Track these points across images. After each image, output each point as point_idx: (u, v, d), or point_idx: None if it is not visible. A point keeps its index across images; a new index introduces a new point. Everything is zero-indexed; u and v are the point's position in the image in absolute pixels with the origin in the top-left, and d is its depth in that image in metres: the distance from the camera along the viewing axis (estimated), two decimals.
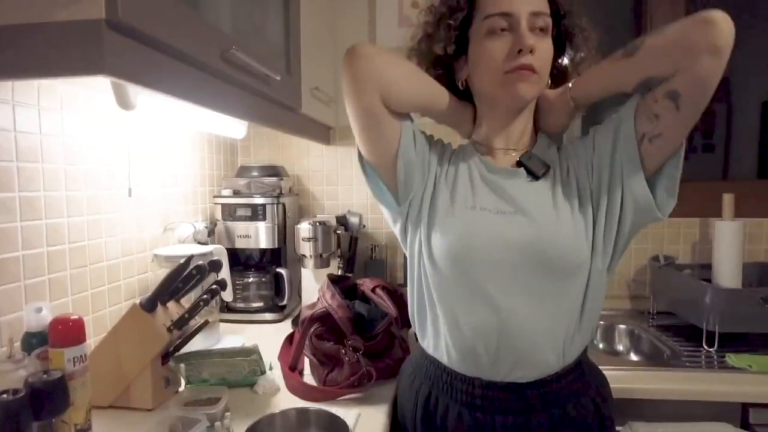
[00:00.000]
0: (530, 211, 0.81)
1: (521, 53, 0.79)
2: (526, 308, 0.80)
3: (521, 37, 0.79)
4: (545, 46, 0.82)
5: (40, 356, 0.85)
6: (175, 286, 0.98)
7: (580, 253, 0.80)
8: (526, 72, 0.80)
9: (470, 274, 0.81)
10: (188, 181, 1.53)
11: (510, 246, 0.80)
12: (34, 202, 0.95)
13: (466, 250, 0.81)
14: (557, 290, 0.80)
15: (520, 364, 0.81)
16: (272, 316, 1.57)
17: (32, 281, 0.95)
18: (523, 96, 0.82)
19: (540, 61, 0.81)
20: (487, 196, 0.85)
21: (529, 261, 0.79)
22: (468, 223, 0.82)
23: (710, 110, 3.47)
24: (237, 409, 0.95)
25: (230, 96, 0.95)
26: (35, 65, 0.62)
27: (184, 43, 0.75)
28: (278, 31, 1.24)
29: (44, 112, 0.97)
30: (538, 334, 0.80)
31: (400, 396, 0.98)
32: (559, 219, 0.80)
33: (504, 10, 0.80)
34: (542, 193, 0.84)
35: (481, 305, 0.81)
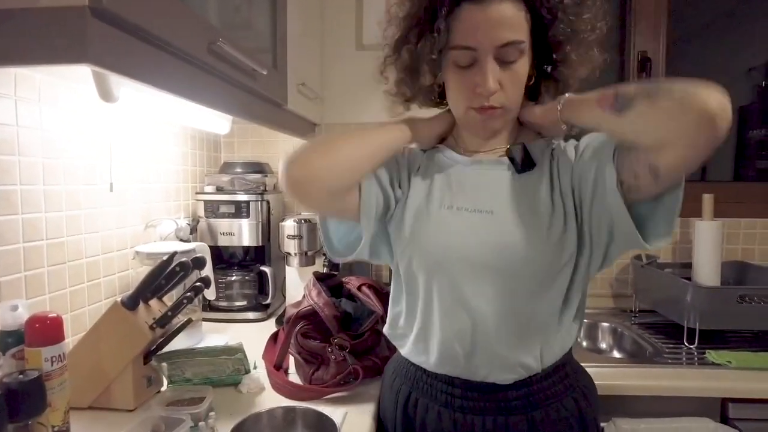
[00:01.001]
0: (508, 212, 0.79)
1: (482, 95, 0.76)
2: (500, 311, 0.78)
3: (483, 80, 0.74)
4: (514, 76, 0.77)
5: (15, 356, 0.82)
6: (158, 284, 0.96)
7: (555, 261, 0.77)
8: (490, 112, 0.78)
9: (446, 275, 0.80)
10: (170, 177, 1.50)
11: (485, 247, 0.78)
12: (10, 195, 0.92)
13: (441, 249, 0.80)
14: (532, 294, 0.78)
15: (497, 366, 0.80)
16: (256, 315, 1.55)
17: (7, 278, 0.91)
18: (492, 130, 0.82)
19: (507, 95, 0.77)
20: (465, 193, 0.82)
21: (504, 263, 0.77)
22: (443, 223, 0.81)
23: None
24: (221, 408, 0.94)
25: (215, 89, 0.93)
26: (16, 52, 0.60)
27: (170, 33, 0.73)
28: (265, 25, 1.22)
29: (21, 102, 0.94)
30: (513, 336, 0.79)
31: (382, 396, 0.98)
32: (537, 224, 0.77)
33: (468, 44, 0.75)
34: (524, 193, 0.80)
35: (457, 306, 0.80)
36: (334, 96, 1.81)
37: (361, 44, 1.79)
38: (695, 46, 3.10)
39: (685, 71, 2.80)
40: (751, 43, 2.91)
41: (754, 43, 2.87)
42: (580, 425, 0.83)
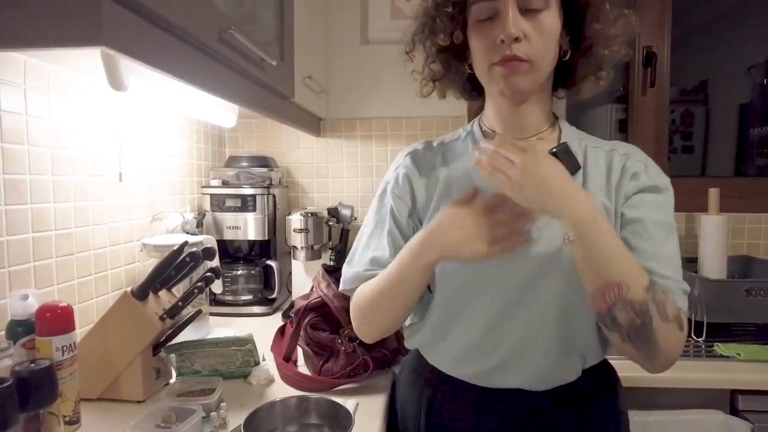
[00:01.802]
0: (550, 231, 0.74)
1: (504, 43, 0.71)
2: (537, 320, 0.75)
3: (503, 25, 0.71)
4: (540, 26, 0.72)
5: (26, 345, 0.81)
6: (168, 274, 0.95)
7: None
8: (512, 63, 0.72)
9: (488, 299, 0.77)
10: (176, 171, 1.49)
11: (527, 266, 0.74)
12: (19, 185, 0.91)
13: (478, 277, 0.77)
14: (572, 301, 0.75)
15: (533, 379, 0.77)
16: (261, 309, 1.54)
17: (17, 268, 0.91)
18: (517, 89, 0.75)
19: (533, 47, 0.72)
20: None
21: (546, 275, 0.74)
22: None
23: (690, 113, 3.56)
24: (231, 400, 0.93)
25: (225, 78, 0.92)
26: (30, 36, 0.60)
27: (183, 18, 0.72)
28: (272, 17, 1.21)
29: (30, 92, 0.93)
30: (554, 347, 0.76)
31: (401, 396, 0.94)
32: None
33: None
34: None
35: (498, 326, 0.77)
36: (338, 90, 1.81)
37: (366, 39, 1.79)
38: (697, 43, 3.11)
39: (688, 68, 2.81)
40: (751, 42, 2.92)
41: (755, 41, 2.88)
42: (615, 426, 0.81)
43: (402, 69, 0.90)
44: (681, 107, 3.53)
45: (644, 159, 0.80)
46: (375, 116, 1.83)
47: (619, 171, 0.78)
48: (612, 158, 0.80)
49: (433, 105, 1.05)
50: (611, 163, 0.79)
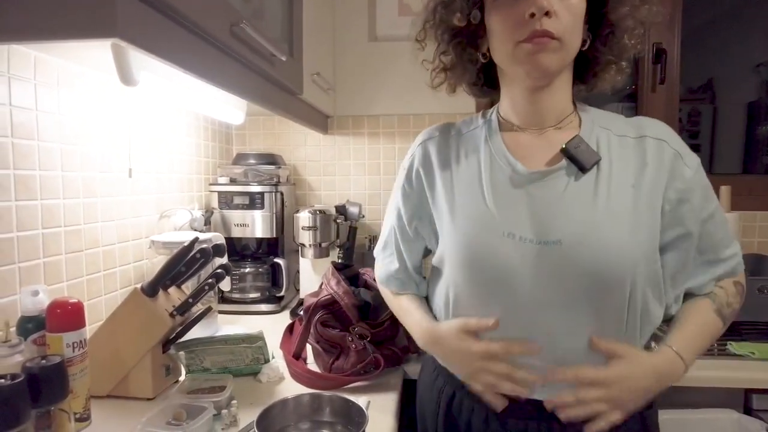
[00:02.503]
0: (574, 226, 0.70)
1: (534, 17, 0.66)
2: (562, 328, 0.70)
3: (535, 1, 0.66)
4: (569, 3, 0.68)
5: (36, 341, 0.81)
6: (178, 271, 0.94)
7: (624, 256, 0.68)
8: (542, 39, 0.67)
9: (501, 294, 0.72)
10: (183, 168, 1.49)
11: (551, 275, 0.69)
12: (29, 180, 0.90)
13: (500, 281, 0.72)
14: (597, 307, 0.70)
15: (558, 389, 0.71)
16: (269, 306, 1.54)
17: (27, 264, 0.90)
18: (543, 67, 0.70)
19: (562, 23, 0.67)
20: (526, 217, 0.72)
21: (570, 279, 0.69)
22: (503, 252, 0.71)
23: (697, 112, 3.54)
24: (241, 397, 0.92)
25: (235, 73, 0.92)
26: (44, 27, 0.59)
27: (196, 11, 0.72)
28: (281, 13, 1.21)
29: (40, 87, 0.93)
30: (580, 354, 0.71)
31: (420, 396, 0.91)
32: (601, 222, 0.69)
33: None
34: (584, 193, 0.72)
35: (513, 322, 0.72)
36: (346, 87, 1.80)
37: (374, 35, 1.78)
38: (704, 41, 3.09)
39: (695, 66, 2.80)
40: (759, 40, 2.90)
41: (762, 39, 2.86)
42: (641, 427, 0.77)
43: (410, 65, 0.88)
44: (688, 105, 3.51)
45: (677, 143, 0.74)
46: (383, 113, 1.82)
47: (656, 162, 0.72)
48: (645, 148, 0.73)
49: (441, 102, 1.04)
50: (645, 155, 0.73)
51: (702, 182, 0.74)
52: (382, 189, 1.85)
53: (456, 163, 0.81)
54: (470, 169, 0.79)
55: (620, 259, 0.68)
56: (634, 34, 0.75)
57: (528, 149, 0.77)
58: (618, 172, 0.72)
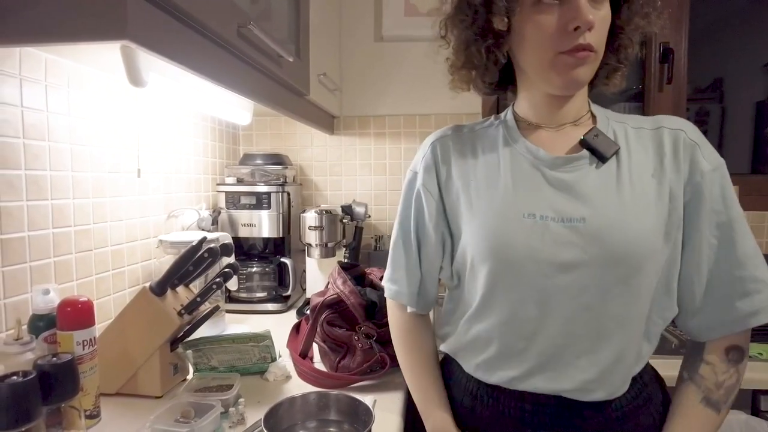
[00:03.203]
0: (598, 208, 0.70)
1: (578, 30, 0.66)
2: (577, 310, 0.70)
3: (579, 11, 0.65)
4: (603, 15, 0.68)
5: (47, 339, 0.82)
6: (186, 270, 0.95)
7: (648, 241, 0.68)
8: (585, 54, 0.67)
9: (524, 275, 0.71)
10: (191, 168, 1.50)
11: (572, 255, 0.69)
12: (40, 180, 0.92)
13: (521, 262, 0.71)
14: (613, 290, 0.69)
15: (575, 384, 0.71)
16: (275, 306, 1.54)
17: (38, 263, 0.91)
18: (580, 81, 0.70)
19: (598, 35, 0.68)
20: (548, 198, 0.72)
21: (591, 259, 0.68)
22: (525, 233, 0.71)
23: (705, 111, 3.51)
24: (248, 396, 0.93)
25: (243, 74, 0.93)
26: (56, 29, 0.60)
27: (204, 12, 0.73)
28: (287, 14, 1.21)
29: (51, 89, 0.94)
30: (590, 336, 0.71)
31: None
32: (626, 207, 0.69)
33: None
34: (606, 180, 0.72)
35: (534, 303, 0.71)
36: (352, 88, 1.81)
37: (380, 36, 1.79)
38: (712, 40, 3.07)
39: (702, 65, 2.78)
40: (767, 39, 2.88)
41: None
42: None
43: (416, 66, 0.87)
44: (696, 105, 3.49)
45: (696, 135, 0.72)
46: (389, 114, 1.83)
47: (673, 150, 0.72)
48: (662, 137, 0.73)
49: (447, 102, 1.04)
50: (662, 145, 0.72)
51: (722, 182, 0.70)
52: (388, 189, 1.86)
53: (473, 157, 0.80)
54: (488, 161, 0.78)
55: (643, 245, 0.67)
56: (636, 41, 0.75)
57: (547, 142, 0.77)
58: (637, 162, 0.72)
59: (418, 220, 0.84)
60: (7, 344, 0.76)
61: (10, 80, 0.85)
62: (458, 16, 0.76)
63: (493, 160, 0.78)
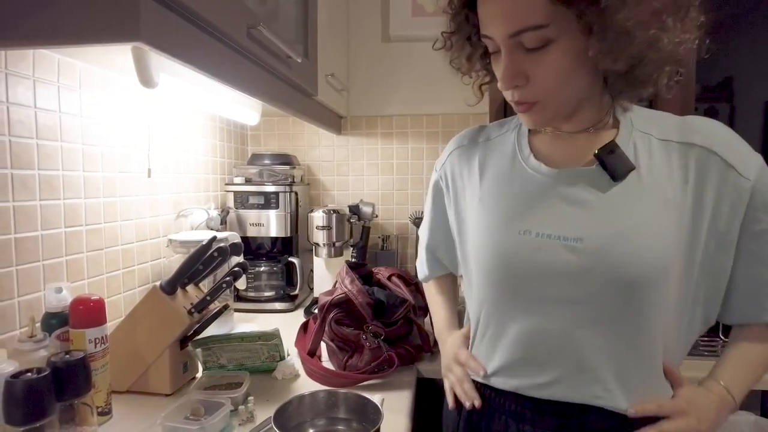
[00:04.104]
0: (598, 227, 0.68)
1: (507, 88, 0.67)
2: (576, 327, 0.69)
3: (501, 73, 0.65)
4: (544, 63, 0.63)
5: (60, 337, 0.83)
6: (196, 269, 0.96)
7: (652, 268, 0.65)
8: (521, 107, 0.68)
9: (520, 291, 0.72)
10: (200, 168, 1.51)
11: (568, 273, 0.68)
12: (53, 180, 0.93)
13: (516, 278, 0.71)
14: (610, 313, 0.67)
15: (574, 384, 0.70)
16: (283, 305, 1.55)
17: (50, 262, 0.93)
18: (535, 126, 0.71)
19: (539, 86, 0.65)
20: (546, 215, 0.71)
21: (587, 280, 0.67)
22: (521, 252, 0.71)
23: (714, 110, 3.49)
24: (257, 394, 0.94)
25: (252, 75, 0.93)
26: (69, 31, 0.61)
27: (214, 13, 0.73)
28: (295, 14, 1.22)
29: (63, 90, 0.95)
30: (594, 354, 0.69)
31: (445, 402, 0.89)
32: (631, 229, 0.66)
33: (485, 33, 0.66)
34: (616, 198, 0.68)
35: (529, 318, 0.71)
36: (359, 88, 1.81)
37: (387, 36, 1.79)
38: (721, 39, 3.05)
39: (711, 64, 2.77)
40: None
41: None
42: None
43: (423, 66, 0.86)
44: (705, 105, 3.46)
45: (730, 153, 0.66)
46: (396, 114, 1.83)
47: (696, 172, 0.66)
48: (688, 160, 0.67)
49: (454, 102, 1.04)
50: (687, 169, 0.67)
51: (764, 189, 0.66)
52: (395, 189, 1.86)
53: (483, 170, 0.80)
54: (496, 175, 0.78)
55: (645, 270, 0.64)
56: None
57: (560, 150, 0.74)
58: (657, 181, 0.67)
59: (436, 209, 0.91)
60: (22, 341, 0.77)
61: (24, 82, 0.86)
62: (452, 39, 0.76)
63: (501, 174, 0.78)
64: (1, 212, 0.83)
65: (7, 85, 0.83)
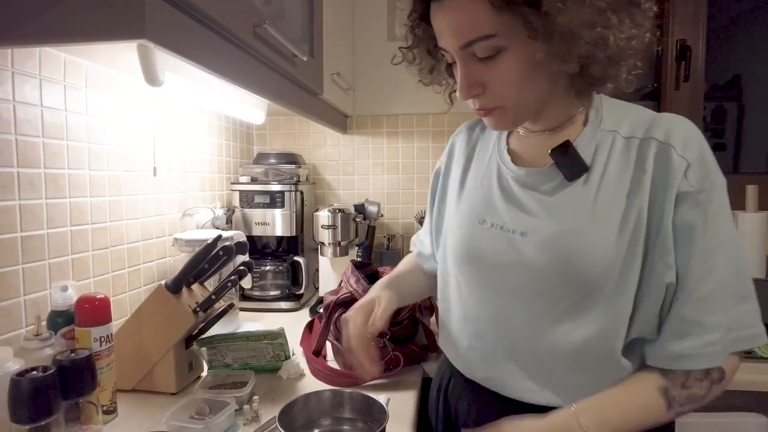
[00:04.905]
0: (542, 224, 0.69)
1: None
2: (519, 315, 0.71)
3: (459, 84, 0.67)
4: (499, 71, 0.64)
5: (66, 335, 0.83)
6: (201, 268, 0.96)
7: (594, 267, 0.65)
8: (481, 113, 0.70)
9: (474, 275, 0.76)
10: (206, 167, 1.51)
11: (527, 269, 0.69)
12: (59, 179, 0.93)
13: (472, 265, 0.76)
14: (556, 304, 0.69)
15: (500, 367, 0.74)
16: (288, 304, 1.55)
17: (56, 260, 0.93)
18: (498, 129, 0.75)
19: (497, 93, 0.66)
20: (502, 208, 0.74)
21: (528, 272, 0.69)
22: (476, 239, 0.75)
23: (722, 109, 3.45)
24: (262, 393, 0.94)
25: (258, 73, 0.93)
26: (75, 29, 0.61)
27: (220, 12, 0.73)
28: (301, 13, 1.22)
29: (69, 89, 0.95)
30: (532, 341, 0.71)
31: (430, 397, 0.92)
32: (579, 228, 0.67)
33: (440, 45, 0.68)
34: (567, 197, 0.69)
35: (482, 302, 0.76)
36: (365, 87, 1.81)
37: (393, 35, 1.78)
38: (730, 37, 3.02)
39: (720, 62, 2.75)
40: None
41: None
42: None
43: None
44: (713, 103, 3.43)
45: (689, 150, 0.64)
46: (401, 113, 1.83)
47: (652, 166, 0.65)
48: (647, 152, 0.66)
49: (460, 101, 1.04)
50: (645, 157, 0.66)
51: (707, 207, 0.62)
52: (401, 188, 1.86)
53: (470, 160, 0.85)
54: (479, 165, 0.83)
55: (586, 270, 0.65)
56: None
57: (528, 149, 0.76)
58: (613, 180, 0.67)
59: (434, 196, 0.93)
60: (28, 340, 0.77)
61: (30, 80, 0.87)
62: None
63: (481, 166, 0.82)
64: (8, 210, 0.83)
65: (13, 83, 0.83)
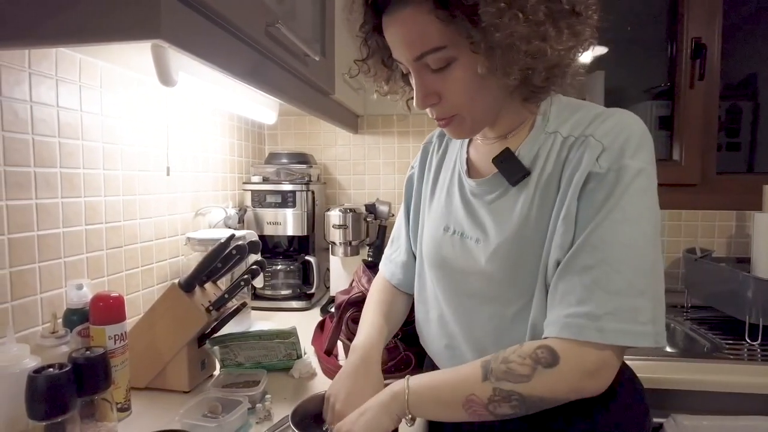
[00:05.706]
0: (491, 231, 0.72)
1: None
2: (479, 314, 0.74)
3: (415, 94, 0.69)
4: (452, 81, 0.66)
5: (81, 333, 0.84)
6: (214, 267, 0.97)
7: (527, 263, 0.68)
8: (440, 122, 0.72)
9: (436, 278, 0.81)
10: (218, 167, 1.52)
11: (482, 274, 0.72)
12: (74, 178, 0.94)
13: (440, 270, 0.80)
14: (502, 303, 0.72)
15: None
16: (299, 304, 1.56)
17: (71, 259, 0.94)
18: (458, 138, 0.77)
19: (452, 102, 0.68)
20: (461, 216, 0.78)
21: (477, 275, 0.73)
22: (442, 246, 0.79)
23: (737, 108, 3.40)
24: (274, 392, 0.94)
25: (270, 73, 0.93)
26: (91, 30, 0.61)
27: (233, 11, 0.73)
28: (312, 13, 1.22)
29: (84, 89, 0.96)
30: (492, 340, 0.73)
31: None
32: (534, 229, 0.68)
33: (394, 57, 0.71)
34: (509, 203, 0.71)
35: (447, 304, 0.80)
36: None
37: None
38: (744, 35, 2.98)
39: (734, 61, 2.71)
40: None
41: None
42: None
43: None
44: (727, 103, 3.38)
45: (608, 136, 0.64)
46: (412, 113, 1.82)
47: (564, 159, 0.67)
48: (572, 146, 0.67)
49: None
50: (569, 153, 0.67)
51: (613, 186, 0.62)
52: None
53: (440, 166, 0.88)
54: (445, 173, 0.86)
55: (531, 272, 0.68)
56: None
57: (484, 156, 0.79)
58: (546, 181, 0.68)
59: (408, 206, 0.96)
60: (44, 337, 0.78)
61: (47, 81, 0.88)
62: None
63: (446, 173, 0.85)
64: (25, 210, 0.84)
65: (30, 84, 0.85)
